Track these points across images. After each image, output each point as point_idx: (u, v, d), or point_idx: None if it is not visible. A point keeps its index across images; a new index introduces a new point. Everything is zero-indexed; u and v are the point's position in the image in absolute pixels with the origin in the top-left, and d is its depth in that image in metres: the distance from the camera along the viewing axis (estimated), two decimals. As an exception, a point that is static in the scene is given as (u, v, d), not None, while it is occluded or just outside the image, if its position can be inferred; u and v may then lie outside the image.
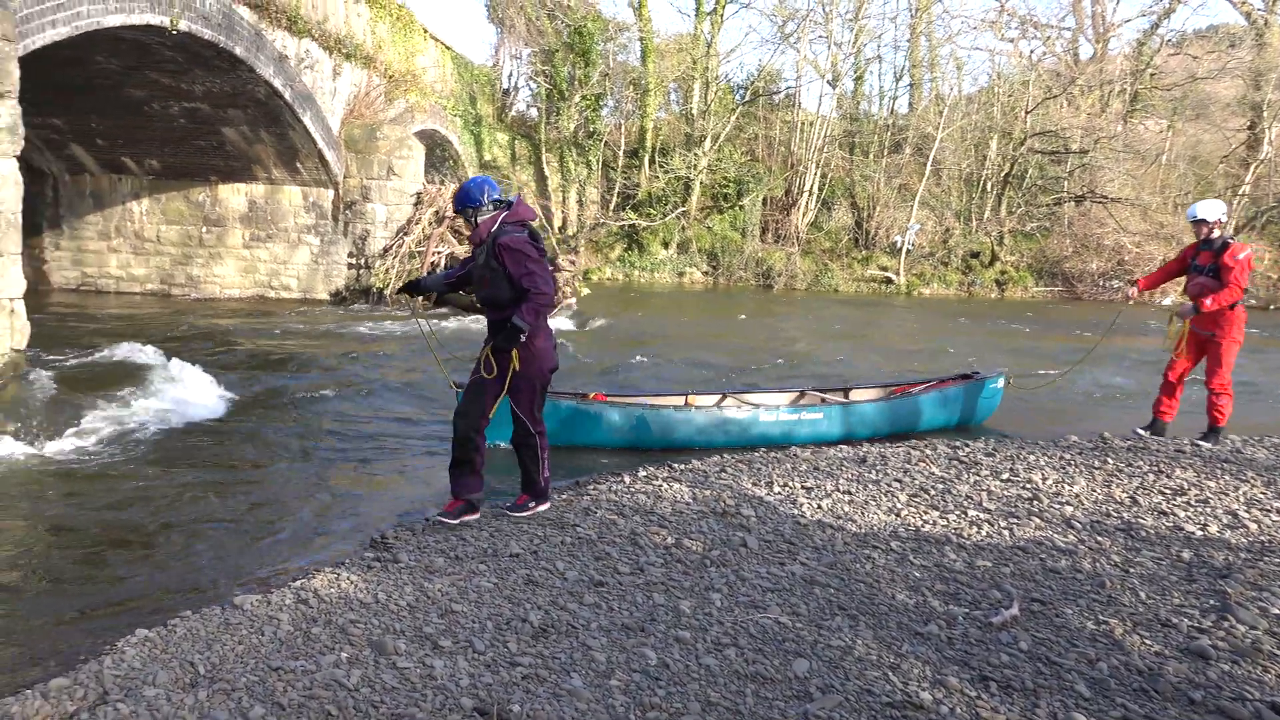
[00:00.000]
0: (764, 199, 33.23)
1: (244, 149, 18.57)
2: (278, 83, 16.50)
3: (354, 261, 19.69)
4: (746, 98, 35.53)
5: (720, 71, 35.18)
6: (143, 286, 20.15)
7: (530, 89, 35.17)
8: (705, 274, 32.17)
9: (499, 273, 5.37)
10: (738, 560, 5.02)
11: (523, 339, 5.34)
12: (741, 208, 32.74)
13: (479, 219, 5.59)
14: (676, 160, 32.51)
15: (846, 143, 34.80)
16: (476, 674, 3.61)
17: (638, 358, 14.02)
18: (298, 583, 4.63)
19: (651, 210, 32.33)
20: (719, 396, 9.30)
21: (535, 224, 5.65)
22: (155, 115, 17.54)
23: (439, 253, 19.50)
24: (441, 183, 22.12)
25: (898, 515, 5.95)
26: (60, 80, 15.47)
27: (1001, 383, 9.82)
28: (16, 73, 8.72)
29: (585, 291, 20.40)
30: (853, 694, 3.58)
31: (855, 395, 9.57)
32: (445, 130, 25.97)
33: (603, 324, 18.21)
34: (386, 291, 18.94)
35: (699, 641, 3.99)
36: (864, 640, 4.06)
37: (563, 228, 32.60)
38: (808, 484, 6.61)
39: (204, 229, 19.92)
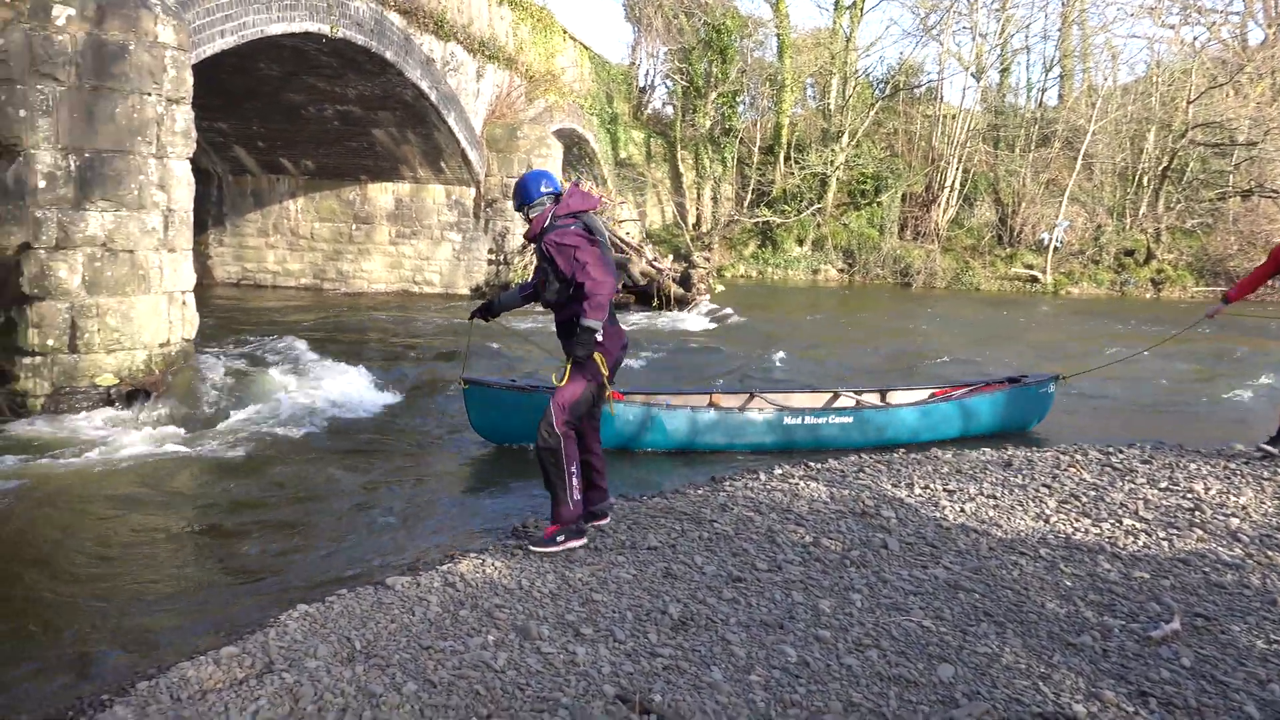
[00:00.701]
0: (903, 195, 32.52)
1: (392, 149, 19.30)
2: (424, 85, 17.09)
3: (493, 257, 20.21)
4: (886, 92, 34.81)
5: (859, 66, 34.60)
6: (297, 281, 21.18)
7: (666, 87, 35.40)
8: (840, 271, 31.70)
9: (549, 273, 4.99)
10: (878, 562, 4.94)
11: (599, 338, 4.91)
12: (879, 204, 32.12)
13: (531, 216, 5.17)
14: (813, 156, 32.13)
15: (991, 137, 33.69)
16: (618, 662, 3.67)
17: (774, 355, 13.93)
18: (444, 567, 4.80)
19: (786, 207, 32.05)
20: (746, 396, 8.87)
21: (594, 212, 5.16)
22: (311, 118, 18.41)
23: (575, 249, 19.80)
24: (578, 181, 22.47)
25: (1046, 521, 5.73)
26: (226, 86, 16.42)
27: (1053, 386, 9.26)
28: (190, 80, 9.30)
29: (719, 288, 20.41)
30: (1000, 702, 3.47)
31: (893, 398, 9.13)
32: (582, 129, 26.37)
33: (737, 321, 18.17)
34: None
35: (839, 641, 3.94)
36: (1012, 648, 3.94)
37: (697, 224, 32.67)
38: (950, 487, 6.44)
39: (354, 226, 20.80)
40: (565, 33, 24.95)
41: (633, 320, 17.61)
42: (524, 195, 5.18)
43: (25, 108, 8.01)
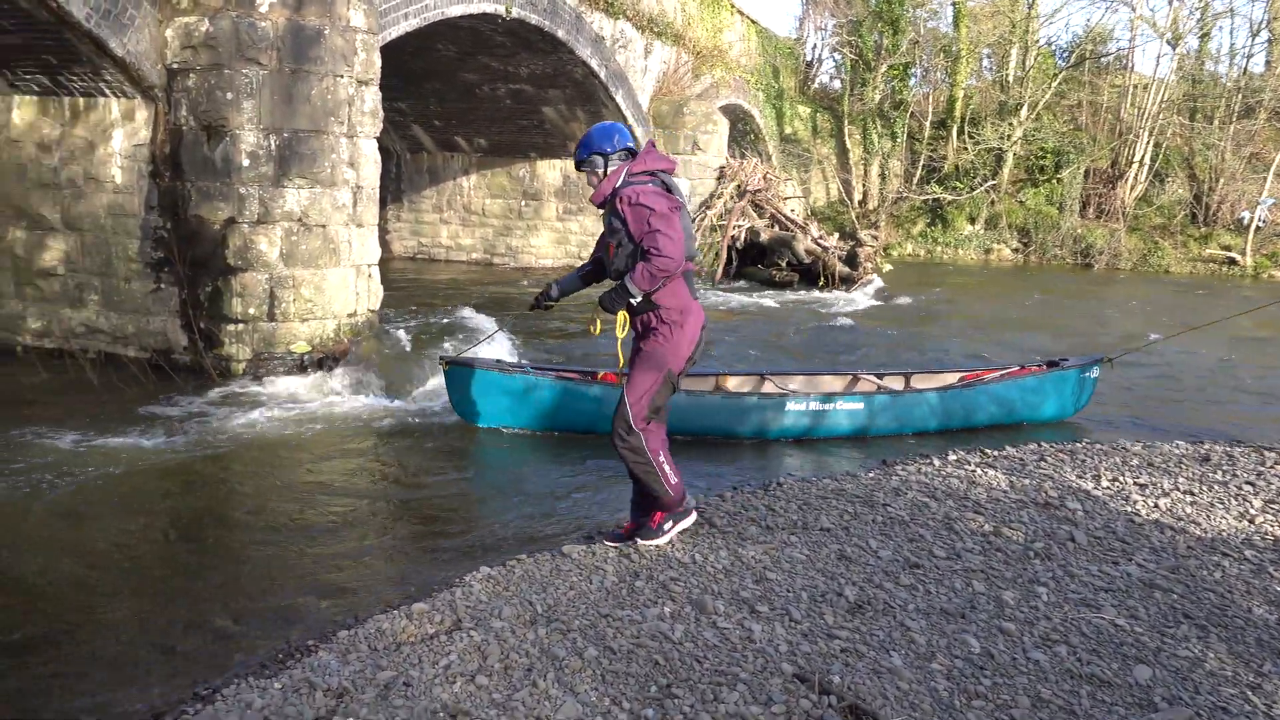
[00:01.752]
0: (1086, 171, 30.75)
1: (560, 126, 19.65)
2: (594, 63, 17.30)
3: (658, 234, 20.31)
4: (1070, 62, 32.93)
5: (1041, 35, 32.86)
6: (469, 256, 21.91)
7: (834, 60, 34.61)
8: (1015, 251, 30.32)
9: (621, 234, 4.41)
10: (1064, 555, 4.72)
11: (634, 301, 4.40)
12: (1059, 180, 30.50)
13: (604, 172, 4.57)
14: (988, 130, 30.79)
15: (1186, 108, 31.41)
16: (794, 642, 3.65)
17: (942, 336, 13.49)
18: (617, 537, 4.88)
19: (958, 183, 30.87)
20: (756, 379, 8.24)
21: (672, 176, 4.59)
22: (484, 97, 18.95)
23: (739, 226, 19.72)
24: (743, 157, 22.31)
25: (1251, 522, 5.35)
26: (407, 67, 17.07)
27: (1096, 371, 8.50)
28: (378, 62, 9.72)
29: (886, 268, 19.89)
30: (1204, 709, 3.27)
31: (917, 382, 8.43)
32: (748, 104, 26.12)
33: (905, 301, 17.68)
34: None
35: (1025, 635, 3.80)
36: (1216, 653, 3.70)
37: (863, 202, 31.91)
38: (1141, 480, 6.09)
39: (523, 202, 21.33)
40: (733, 7, 24.73)
41: (794, 298, 17.40)
42: (589, 148, 4.56)
43: (232, 90, 8.56)
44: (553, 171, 20.98)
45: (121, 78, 8.64)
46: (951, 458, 6.67)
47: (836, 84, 34.25)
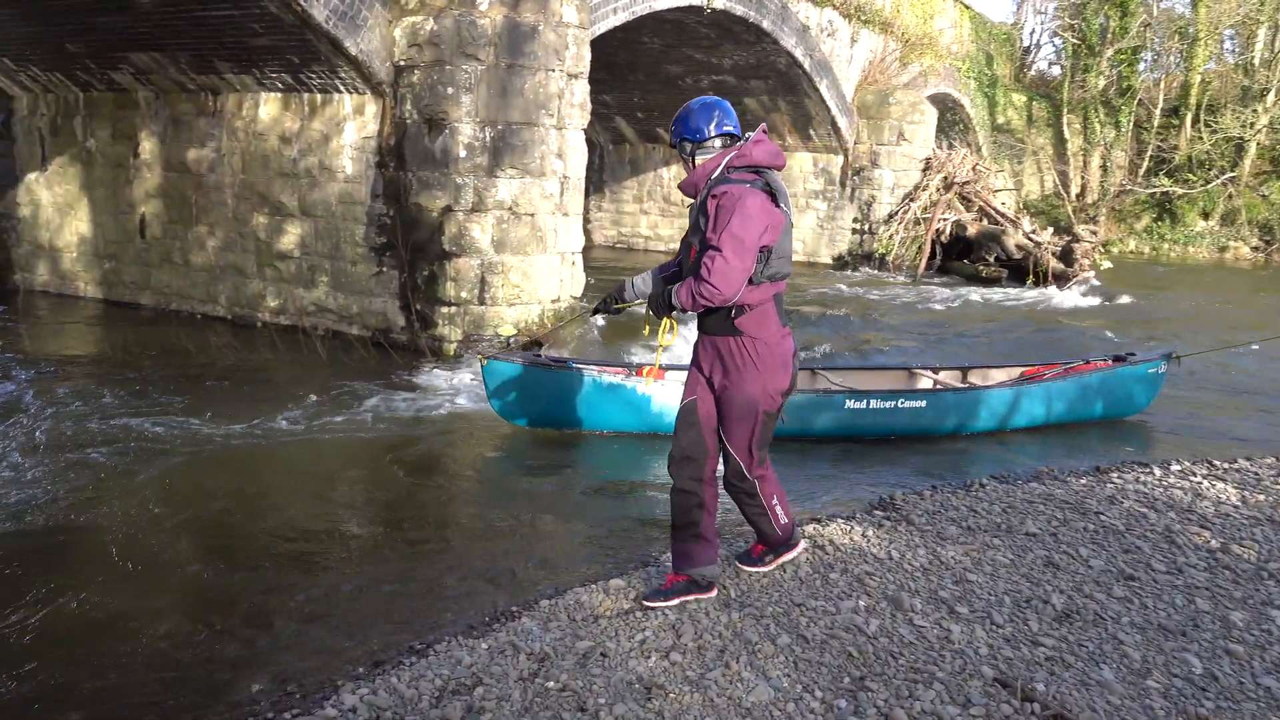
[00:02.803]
0: (1343, 162, 27.84)
1: (762, 118, 19.55)
2: (798, 53, 17.11)
3: (858, 227, 19.92)
4: (1328, 41, 29.84)
5: (1294, 12, 29.93)
6: (667, 245, 22.18)
7: (1054, 45, 32.82)
8: (1255, 250, 27.82)
9: (704, 236, 3.65)
10: (1304, 577, 4.33)
11: (677, 313, 3.82)
12: (1309, 173, 27.74)
13: (697, 159, 3.79)
14: (1228, 118, 28.36)
15: None
16: (995, 646, 3.53)
17: (1165, 340, 12.57)
18: (811, 528, 4.85)
19: (1191, 176, 28.61)
20: (806, 374, 7.62)
21: (778, 173, 3.80)
22: (687, 89, 19.10)
23: (944, 219, 19.05)
24: (950, 147, 21.52)
25: None
26: (612, 60, 17.44)
27: (1164, 366, 8.03)
28: (588, 56, 9.99)
29: (1105, 265, 18.67)
30: None
31: (976, 378, 8.03)
32: (958, 93, 25.17)
33: (1125, 301, 16.58)
34: (889, 258, 18.98)
35: (1255, 659, 3.52)
36: None
37: (1080, 195, 30.12)
38: (1400, 502, 5.49)
39: (722, 194, 21.37)
40: (945, -8, 23.88)
41: (1002, 295, 16.65)
42: (689, 129, 3.77)
43: (452, 85, 9.03)
44: (752, 163, 20.92)
45: (354, 75, 9.27)
46: (1175, 467, 6.23)
47: (1056, 70, 32.49)
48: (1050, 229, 21.71)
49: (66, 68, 11.05)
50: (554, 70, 9.38)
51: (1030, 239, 18.54)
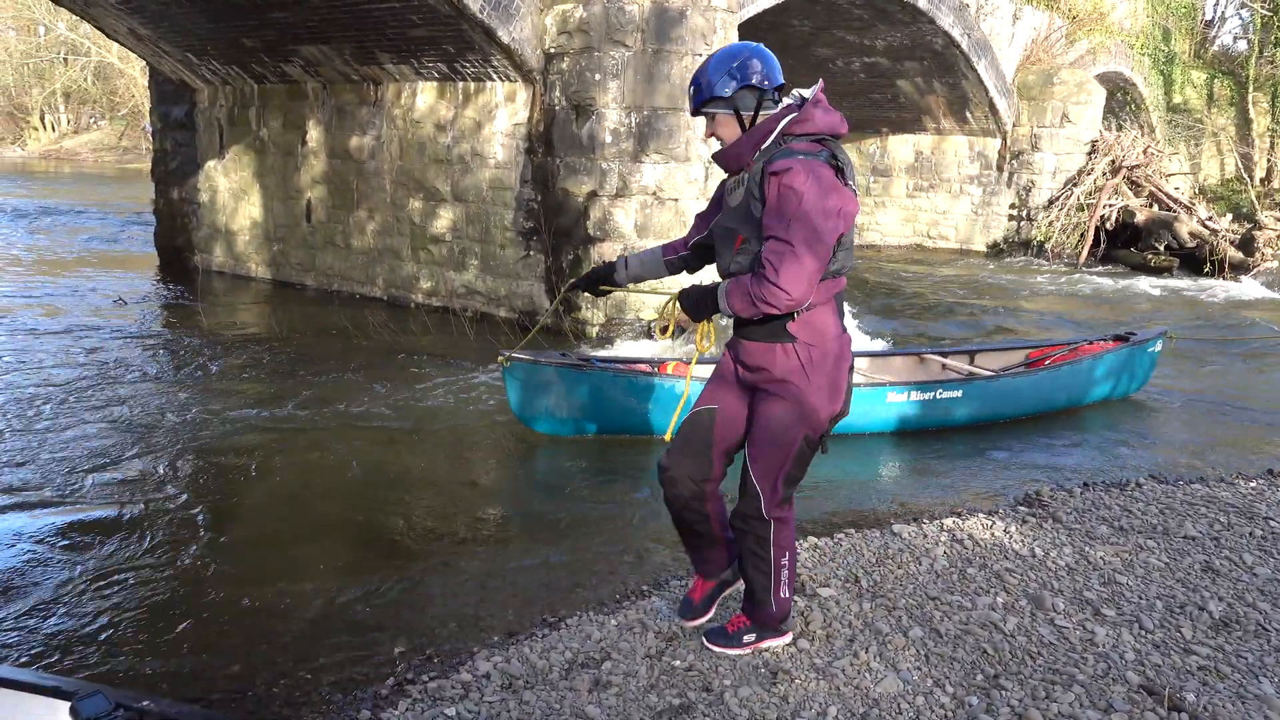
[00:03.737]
0: None
1: (915, 100, 19.01)
2: (955, 33, 16.53)
3: (1015, 213, 19.14)
4: None
5: None
6: (813, 232, 21.86)
7: (1241, 18, 30.58)
8: None
9: (756, 223, 2.91)
10: None
11: (725, 320, 3.14)
12: None
13: (749, 119, 2.99)
14: None
15: None
16: (1143, 651, 3.36)
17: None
18: (950, 521, 4.73)
19: (1393, 158, 26.22)
20: None
21: (842, 144, 3.02)
22: (837, 72, 18.74)
23: (1110, 205, 18.09)
24: (1119, 129, 20.40)
25: None
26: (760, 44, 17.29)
27: (1160, 345, 8.02)
28: (736, 39, 9.94)
29: (1290, 254, 17.35)
30: None
31: (985, 361, 7.78)
32: (1129, 71, 23.77)
33: (1313, 294, 15.39)
34: (1048, 245, 18.18)
35: None
36: None
37: (1266, 179, 28.02)
38: None
39: (871, 179, 20.91)
40: (1118, -35, 22.58)
41: (1175, 286, 15.69)
42: (715, 84, 2.95)
43: (600, 72, 9.14)
44: (904, 147, 20.37)
45: (506, 63, 9.51)
46: (1360, 473, 5.76)
47: (1241, 45, 30.28)
48: (1229, 215, 20.31)
49: (243, 61, 11.74)
50: (701, 55, 9.37)
51: (1206, 226, 17.41)
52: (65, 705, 1.83)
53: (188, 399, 7.13)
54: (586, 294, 3.50)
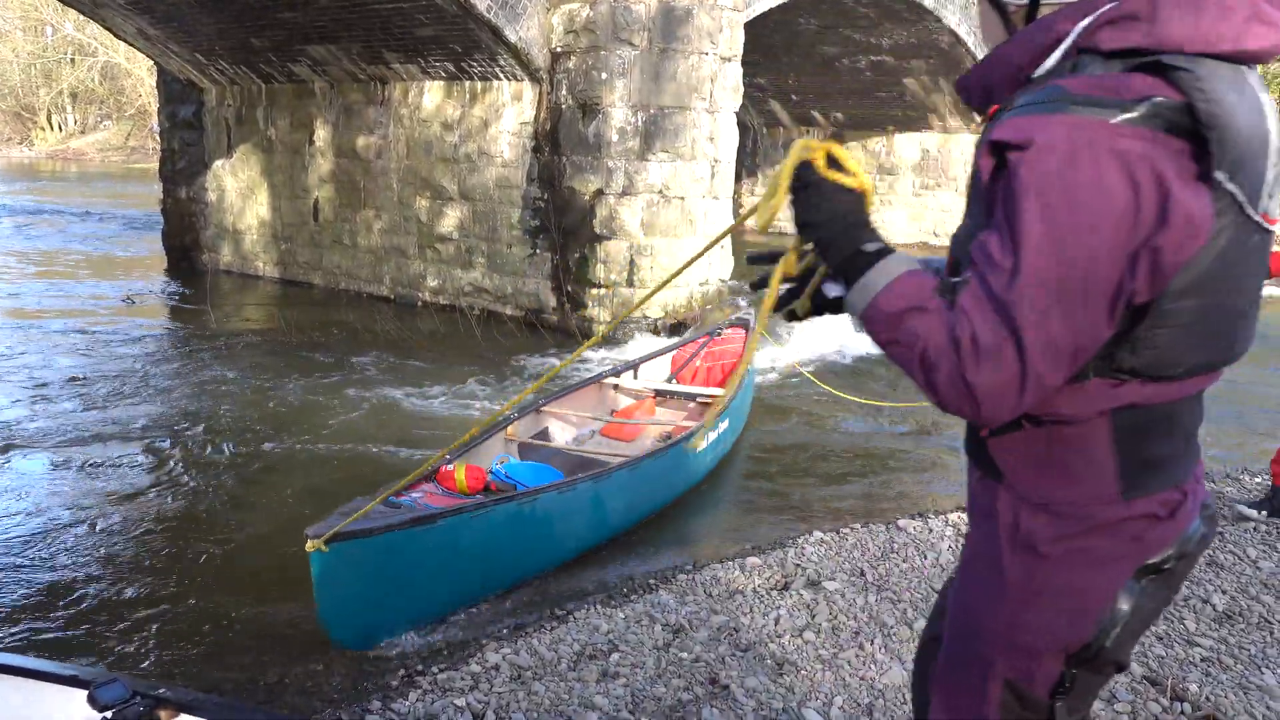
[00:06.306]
0: None
1: (922, 99, 19.03)
2: (962, 30, 16.54)
3: (1021, 211, 19.13)
4: None
5: None
6: (819, 231, 21.88)
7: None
8: None
9: (982, 210, 1.30)
10: None
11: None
12: None
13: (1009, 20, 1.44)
14: None
15: None
16: (1146, 643, 3.38)
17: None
18: (954, 516, 4.75)
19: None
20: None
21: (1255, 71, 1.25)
22: (843, 70, 18.77)
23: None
24: None
25: None
26: (766, 42, 17.31)
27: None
28: (742, 39, 9.98)
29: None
30: None
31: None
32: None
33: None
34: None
35: None
36: None
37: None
38: None
39: (877, 177, 20.92)
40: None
41: None
42: None
43: (606, 71, 9.18)
44: (910, 145, 20.38)
45: (513, 62, 9.55)
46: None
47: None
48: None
49: (251, 61, 11.81)
50: (707, 54, 9.41)
51: (1212, 224, 17.38)
52: (83, 693, 1.86)
53: (196, 396, 7.19)
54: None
